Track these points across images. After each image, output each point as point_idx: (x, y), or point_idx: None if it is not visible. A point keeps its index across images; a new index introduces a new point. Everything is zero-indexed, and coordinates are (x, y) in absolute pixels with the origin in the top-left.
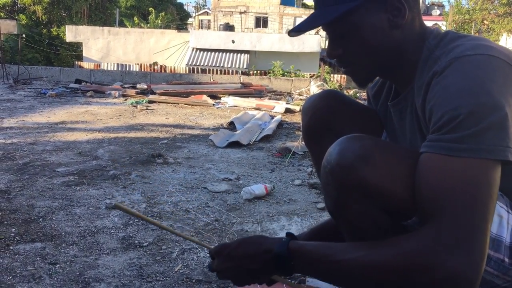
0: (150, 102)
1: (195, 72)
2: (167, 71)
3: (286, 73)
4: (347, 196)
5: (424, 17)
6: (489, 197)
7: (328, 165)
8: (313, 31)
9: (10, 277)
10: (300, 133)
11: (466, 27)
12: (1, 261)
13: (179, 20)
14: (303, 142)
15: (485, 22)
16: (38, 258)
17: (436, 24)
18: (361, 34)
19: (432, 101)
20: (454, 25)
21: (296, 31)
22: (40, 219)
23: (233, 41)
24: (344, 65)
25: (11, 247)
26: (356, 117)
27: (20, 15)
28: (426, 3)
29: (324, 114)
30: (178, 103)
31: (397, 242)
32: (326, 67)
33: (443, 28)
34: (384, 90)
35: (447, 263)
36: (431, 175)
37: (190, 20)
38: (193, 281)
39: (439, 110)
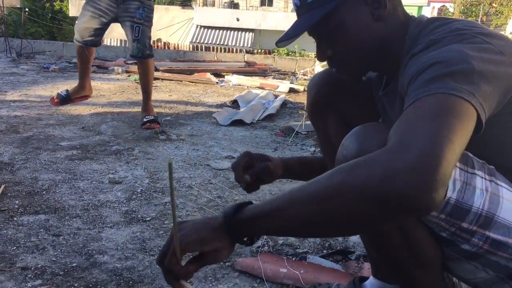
0: (154, 79)
1: (199, 50)
2: (171, 48)
3: (290, 53)
4: None
5: None
6: (453, 124)
7: (344, 160)
8: None
9: (14, 248)
10: (304, 112)
11: (474, 9)
12: (5, 232)
13: None
14: (306, 122)
15: (493, 5)
16: (41, 230)
17: (444, 6)
18: (346, 31)
19: (406, 76)
20: (462, 7)
21: (283, 41)
22: (44, 192)
23: (237, 19)
24: (335, 65)
25: (15, 219)
26: (359, 94)
27: None
28: None
29: (328, 91)
30: (181, 81)
31: (359, 159)
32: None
33: (451, 10)
34: (376, 77)
35: (385, 160)
36: (396, 123)
37: None
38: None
39: (409, 77)
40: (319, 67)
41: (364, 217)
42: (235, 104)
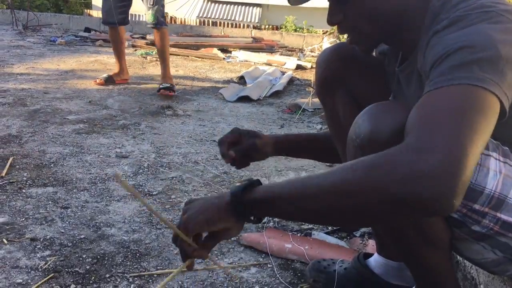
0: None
1: (206, 25)
2: (177, 23)
3: (298, 29)
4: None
5: None
6: (477, 122)
7: (357, 139)
8: None
9: (23, 219)
10: (311, 89)
11: None
12: (14, 203)
13: None
14: (313, 99)
15: None
16: (50, 202)
17: None
18: None
19: (430, 56)
20: None
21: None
22: (52, 165)
23: None
24: (345, 32)
25: (24, 191)
26: (369, 70)
27: None
28: None
29: (337, 67)
30: (188, 56)
31: (374, 155)
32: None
33: None
34: (390, 52)
35: (408, 159)
36: (419, 105)
37: None
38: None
39: (434, 59)
40: (327, 43)
41: (380, 215)
42: (242, 80)
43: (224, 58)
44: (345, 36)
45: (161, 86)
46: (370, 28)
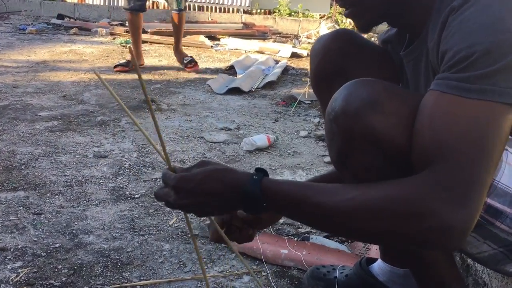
0: (142, 42)
1: (191, 10)
2: (160, 8)
3: (293, 13)
4: (352, 146)
5: None
6: (495, 147)
7: (332, 112)
8: None
9: None
10: (308, 79)
11: None
12: None
13: None
14: (310, 90)
15: None
16: (21, 208)
17: None
18: None
19: (446, 39)
20: None
21: None
22: (23, 167)
23: None
24: (345, 5)
25: None
26: (372, 61)
27: None
28: None
29: (336, 57)
30: (172, 44)
31: (388, 185)
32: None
33: None
34: (394, 38)
35: (440, 212)
36: (436, 115)
37: None
38: (189, 235)
39: (453, 47)
40: (325, 29)
41: (389, 242)
42: (231, 70)
43: (211, 46)
44: (345, 20)
45: (185, 61)
46: (372, 4)
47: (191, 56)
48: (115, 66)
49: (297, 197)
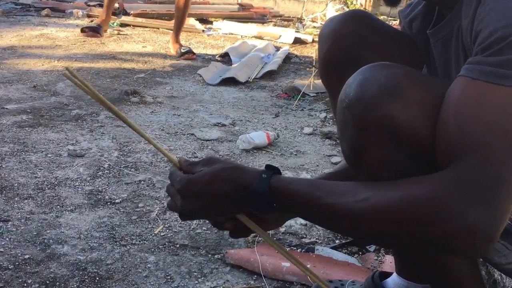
0: (123, 25)
1: None
2: None
3: None
4: (368, 138)
5: None
6: None
7: (345, 99)
8: None
9: None
10: (313, 69)
11: None
12: None
13: None
14: (316, 81)
15: None
16: None
17: None
18: None
19: (481, 17)
20: None
21: None
22: None
23: None
24: None
25: None
26: (390, 47)
27: None
28: None
29: (348, 43)
30: (158, 28)
31: (407, 183)
32: None
33: None
34: (420, 15)
35: (466, 213)
36: (464, 105)
37: None
38: (177, 246)
39: (488, 27)
40: (333, 11)
41: (407, 247)
42: (226, 58)
43: (203, 31)
44: (355, 2)
45: (182, 50)
46: None
47: (188, 47)
48: (82, 30)
49: (308, 197)
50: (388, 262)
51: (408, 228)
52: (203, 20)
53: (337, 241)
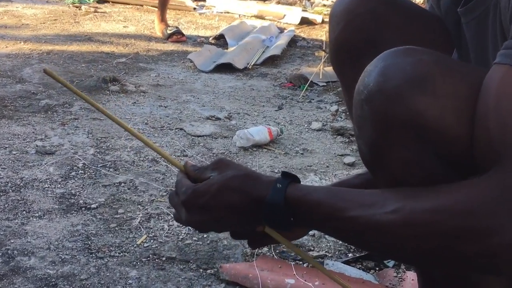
0: (101, 1)
1: None
2: None
3: None
4: (390, 136)
5: None
6: None
7: (364, 90)
8: None
9: None
10: (323, 54)
11: None
12: None
13: None
14: (326, 68)
15: None
16: None
17: None
18: None
19: None
20: None
21: None
22: None
23: None
24: None
25: None
26: (413, 27)
27: None
28: None
29: (365, 23)
30: (142, 5)
31: (444, 191)
32: None
33: None
34: None
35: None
36: (504, 95)
37: None
38: (163, 259)
39: None
40: None
41: (442, 265)
42: (221, 40)
43: (195, 8)
44: None
45: (169, 31)
46: None
47: (177, 27)
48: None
49: (329, 210)
50: (410, 279)
51: (445, 244)
52: None
53: (350, 255)
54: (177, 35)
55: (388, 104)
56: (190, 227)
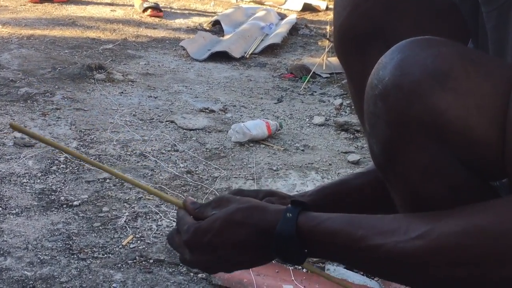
0: None
1: None
2: None
3: None
4: (407, 136)
5: None
6: None
7: (378, 84)
8: None
9: None
10: (327, 43)
11: None
12: None
13: None
14: (330, 58)
15: None
16: None
17: None
18: None
19: None
20: None
21: None
22: None
23: None
24: None
25: None
26: (426, 15)
27: None
28: None
29: (373, 9)
30: None
31: (474, 210)
32: None
33: None
34: None
35: None
36: None
37: None
38: (150, 261)
39: None
40: None
41: None
42: (216, 27)
43: None
44: None
45: (145, 5)
46: None
47: (155, 2)
48: None
49: (347, 239)
50: None
51: (478, 270)
52: None
53: None
54: (154, 10)
55: (405, 102)
56: (198, 269)
